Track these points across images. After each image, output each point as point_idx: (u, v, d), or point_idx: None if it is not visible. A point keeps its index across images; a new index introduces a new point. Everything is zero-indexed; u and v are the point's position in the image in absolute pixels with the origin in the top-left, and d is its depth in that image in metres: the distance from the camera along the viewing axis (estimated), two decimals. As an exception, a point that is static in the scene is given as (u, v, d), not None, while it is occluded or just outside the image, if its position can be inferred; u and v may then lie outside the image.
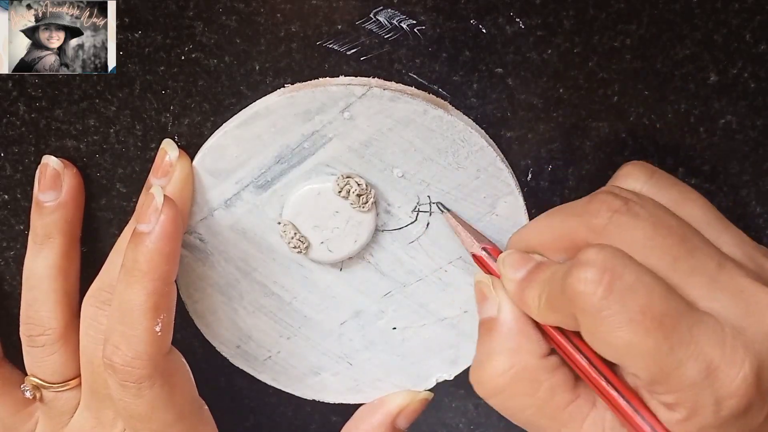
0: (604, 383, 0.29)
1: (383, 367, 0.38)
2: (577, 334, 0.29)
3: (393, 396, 0.39)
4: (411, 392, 0.39)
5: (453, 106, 0.34)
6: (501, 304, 0.31)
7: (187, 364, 0.35)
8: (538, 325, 0.30)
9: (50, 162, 0.35)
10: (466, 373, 0.39)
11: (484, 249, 0.33)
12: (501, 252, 0.32)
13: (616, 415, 0.29)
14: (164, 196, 0.32)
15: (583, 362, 0.29)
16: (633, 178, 0.31)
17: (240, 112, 0.34)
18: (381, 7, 0.32)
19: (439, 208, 0.35)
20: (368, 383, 0.39)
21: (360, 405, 0.39)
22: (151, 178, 0.34)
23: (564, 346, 0.30)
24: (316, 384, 0.39)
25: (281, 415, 0.43)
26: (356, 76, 0.33)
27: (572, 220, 0.29)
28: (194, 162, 0.34)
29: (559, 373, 0.30)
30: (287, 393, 0.40)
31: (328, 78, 0.33)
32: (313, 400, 0.39)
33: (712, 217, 0.31)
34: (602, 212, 0.28)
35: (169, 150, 0.34)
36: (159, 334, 0.32)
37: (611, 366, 0.29)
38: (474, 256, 0.33)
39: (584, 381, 0.30)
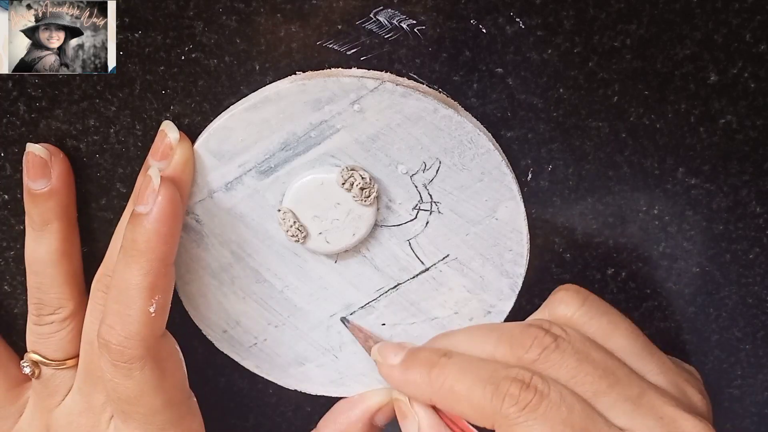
0: None
1: (369, 362, 0.38)
2: None
3: (373, 393, 0.39)
4: (392, 390, 0.39)
5: (453, 106, 0.34)
6: (420, 421, 0.35)
7: (180, 352, 0.35)
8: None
9: (34, 150, 0.34)
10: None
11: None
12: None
13: None
14: (161, 177, 0.32)
15: None
16: (565, 304, 0.34)
17: (249, 96, 0.33)
18: (381, 7, 0.32)
19: (343, 322, 0.37)
20: (352, 377, 0.39)
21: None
22: (150, 160, 0.34)
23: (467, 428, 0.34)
24: (300, 374, 0.39)
25: (281, 415, 0.43)
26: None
27: (504, 349, 0.33)
28: (198, 142, 0.34)
29: None
30: (288, 393, 0.40)
31: (341, 69, 0.33)
32: (315, 400, 0.39)
33: (638, 346, 0.34)
34: (533, 348, 0.32)
35: (169, 132, 0.34)
36: (153, 315, 0.32)
37: None
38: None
39: None
